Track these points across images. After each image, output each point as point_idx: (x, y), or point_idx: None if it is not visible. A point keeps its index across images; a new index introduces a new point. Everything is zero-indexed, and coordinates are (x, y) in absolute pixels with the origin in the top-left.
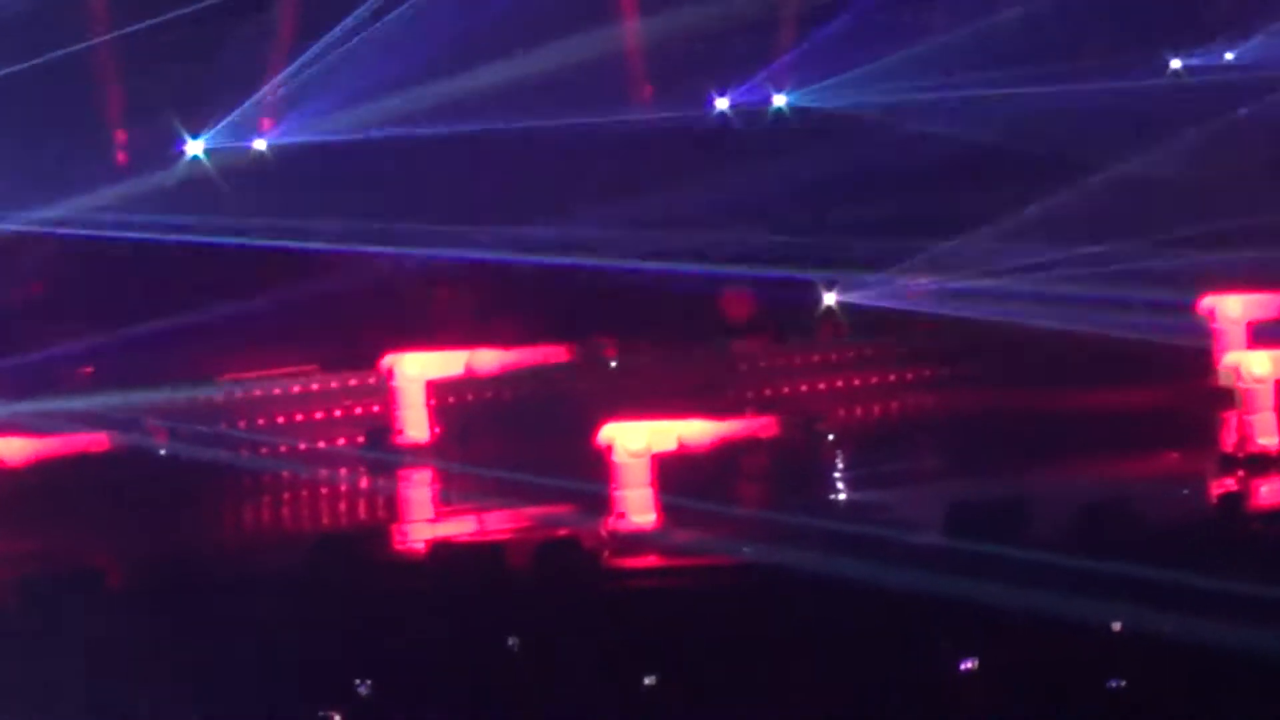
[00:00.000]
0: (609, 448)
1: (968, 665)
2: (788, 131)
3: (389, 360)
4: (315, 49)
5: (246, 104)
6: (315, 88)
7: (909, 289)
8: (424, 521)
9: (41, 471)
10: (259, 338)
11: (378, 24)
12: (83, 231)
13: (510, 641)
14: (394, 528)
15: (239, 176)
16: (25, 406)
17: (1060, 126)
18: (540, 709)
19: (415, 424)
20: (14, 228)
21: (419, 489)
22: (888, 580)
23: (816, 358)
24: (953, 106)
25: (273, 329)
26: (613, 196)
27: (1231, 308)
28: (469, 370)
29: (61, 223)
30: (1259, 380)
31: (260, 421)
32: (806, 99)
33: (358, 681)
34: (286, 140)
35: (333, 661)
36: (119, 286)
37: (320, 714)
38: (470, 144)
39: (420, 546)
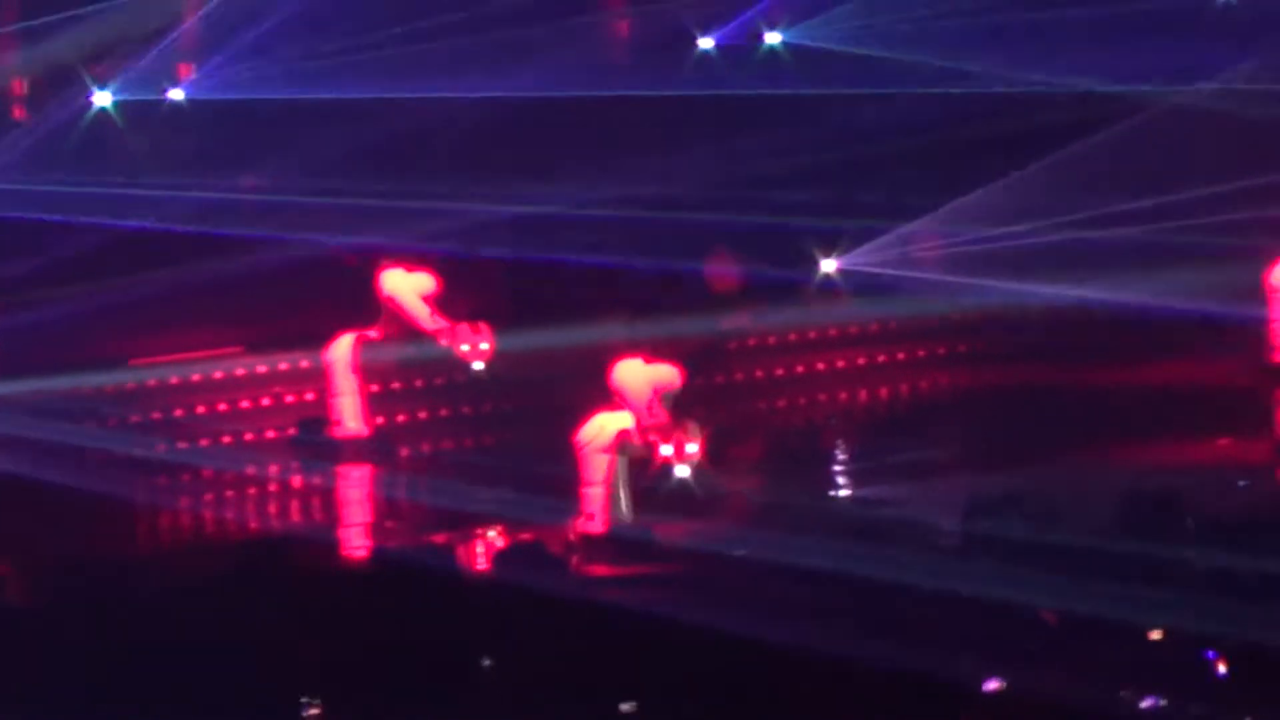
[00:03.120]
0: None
1: (993, 685)
2: (781, 72)
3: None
4: None
5: (160, 48)
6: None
7: (917, 252)
8: (365, 524)
9: None
10: (177, 316)
11: None
12: None
13: (484, 662)
14: (333, 532)
15: (153, 131)
16: None
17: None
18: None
19: (351, 414)
20: None
21: (359, 487)
22: (900, 580)
23: (814, 334)
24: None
25: (193, 306)
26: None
27: None
28: None
29: None
30: None
31: (178, 412)
32: (802, 35)
33: (303, 701)
34: (208, 94)
35: (268, 685)
36: (19, 259)
37: None
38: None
39: (362, 553)
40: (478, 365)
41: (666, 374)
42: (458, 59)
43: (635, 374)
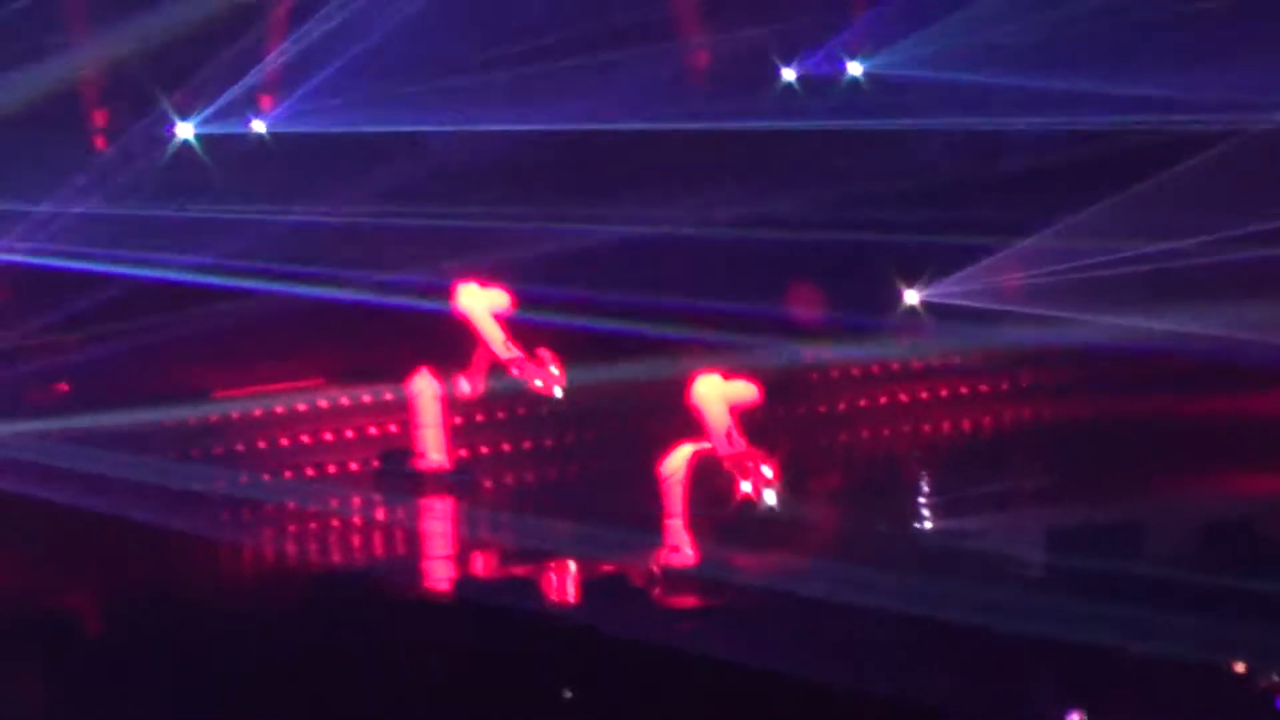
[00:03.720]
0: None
1: (1075, 718)
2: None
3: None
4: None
5: (242, 83)
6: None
7: (1003, 285)
8: (447, 557)
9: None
10: (259, 348)
11: None
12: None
13: (565, 694)
14: (415, 565)
15: (234, 162)
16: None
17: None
18: None
19: (436, 445)
20: None
21: (442, 520)
22: (980, 619)
23: (896, 365)
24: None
25: (276, 338)
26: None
27: None
28: None
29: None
30: None
31: (260, 444)
32: (885, 66)
33: None
34: (289, 126)
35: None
36: (99, 288)
37: None
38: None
39: (445, 586)
40: (558, 392)
41: (744, 391)
42: (538, 88)
43: (712, 390)
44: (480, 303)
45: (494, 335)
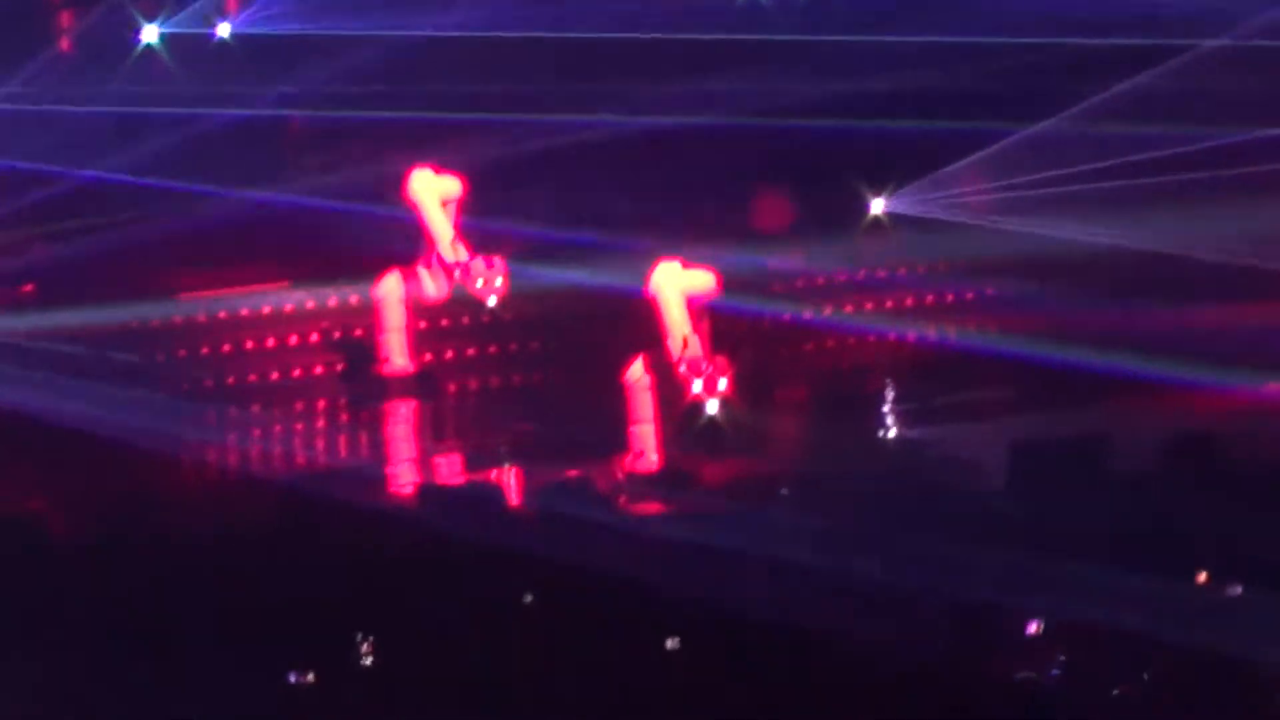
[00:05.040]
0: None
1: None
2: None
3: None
4: None
5: None
6: None
7: (965, 195)
8: (411, 462)
9: None
10: (223, 249)
11: None
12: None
13: (526, 598)
14: (379, 469)
15: (200, 64)
16: None
17: None
18: (551, 672)
19: (400, 350)
20: None
21: (404, 425)
22: (945, 533)
23: (861, 275)
24: None
25: (240, 238)
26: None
27: None
28: None
29: None
30: None
31: (225, 347)
32: None
33: (358, 637)
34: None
35: (317, 620)
36: (63, 188)
37: (294, 676)
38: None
39: (408, 490)
40: (491, 301)
41: (702, 280)
42: None
43: (670, 279)
44: (432, 190)
45: (442, 231)
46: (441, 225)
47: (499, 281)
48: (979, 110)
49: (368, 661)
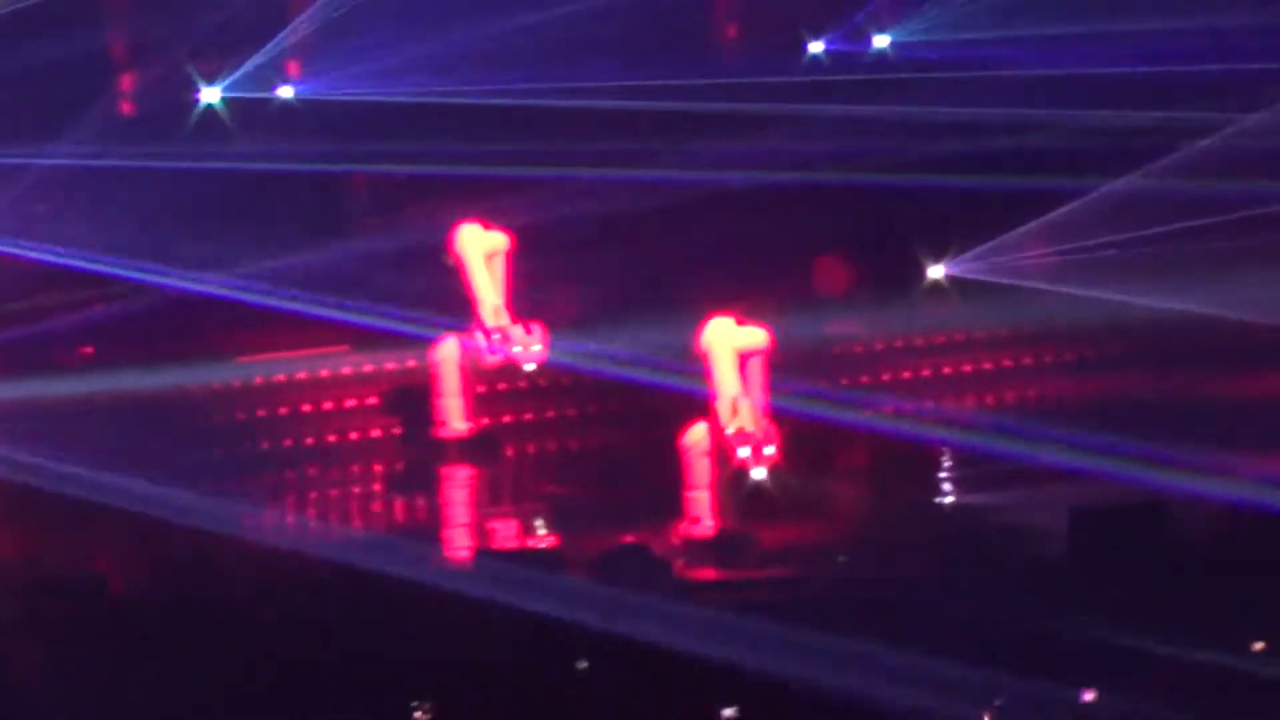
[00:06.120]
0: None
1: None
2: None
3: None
4: None
5: (269, 48)
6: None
7: (1030, 261)
8: (468, 526)
9: None
10: (282, 312)
11: None
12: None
13: (580, 665)
14: (435, 533)
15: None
16: (13, 390)
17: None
18: None
19: (456, 414)
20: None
21: (461, 488)
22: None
23: (921, 341)
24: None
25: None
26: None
27: None
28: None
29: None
30: None
31: (282, 410)
32: (911, 35)
33: (413, 705)
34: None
35: (372, 683)
36: (126, 249)
37: None
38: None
39: (465, 555)
40: (529, 368)
41: (754, 337)
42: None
43: (723, 335)
44: (478, 245)
45: (485, 292)
46: (485, 285)
47: (537, 348)
48: (1042, 171)
49: None
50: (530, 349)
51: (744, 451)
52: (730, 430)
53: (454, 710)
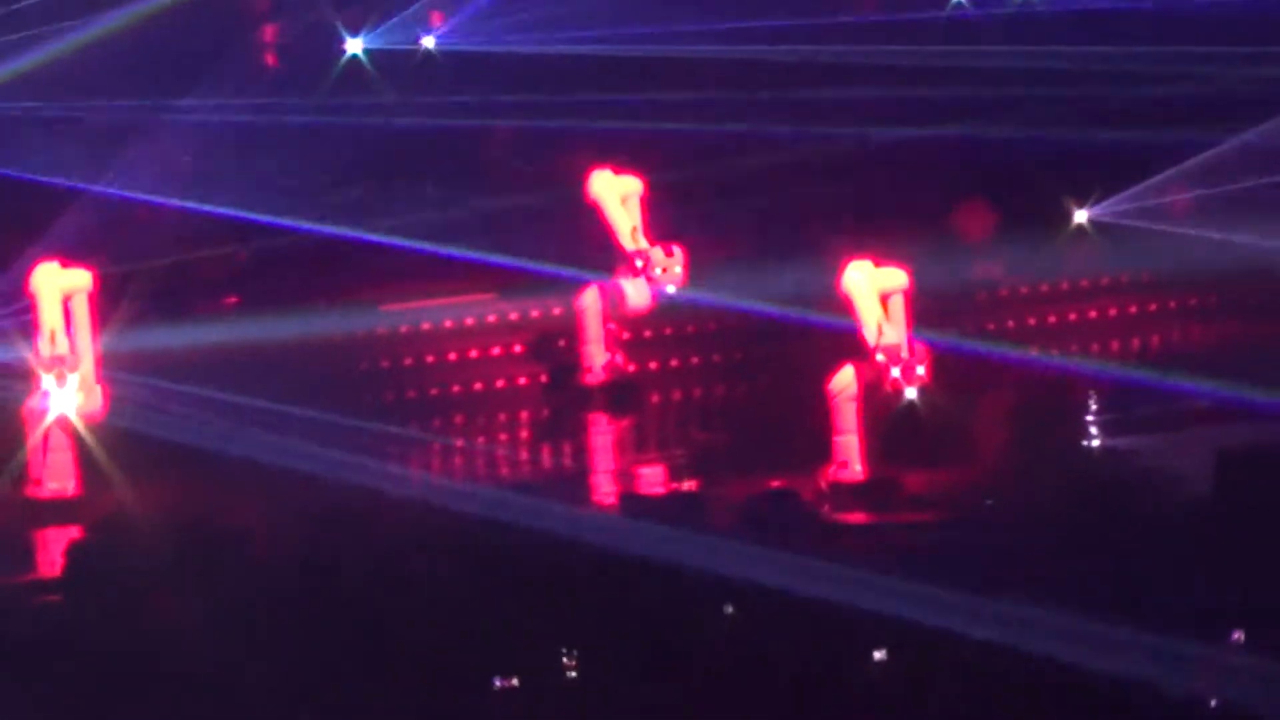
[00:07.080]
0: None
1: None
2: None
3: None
4: None
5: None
6: None
7: (1174, 204)
8: (613, 472)
9: None
10: (427, 260)
11: None
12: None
13: (726, 609)
14: (581, 479)
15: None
16: (161, 340)
17: None
18: (755, 687)
19: (602, 360)
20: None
21: (606, 434)
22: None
23: (1065, 285)
24: None
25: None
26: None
27: None
28: None
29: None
30: None
31: (429, 358)
32: None
33: (563, 651)
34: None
35: (522, 626)
36: (268, 203)
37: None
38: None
39: (611, 500)
40: (670, 289)
41: (895, 278)
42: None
43: (863, 277)
44: (612, 190)
45: (622, 224)
46: (621, 219)
47: (678, 269)
48: (1184, 120)
49: (572, 674)
50: (672, 270)
51: (895, 371)
52: (879, 354)
53: (601, 657)
